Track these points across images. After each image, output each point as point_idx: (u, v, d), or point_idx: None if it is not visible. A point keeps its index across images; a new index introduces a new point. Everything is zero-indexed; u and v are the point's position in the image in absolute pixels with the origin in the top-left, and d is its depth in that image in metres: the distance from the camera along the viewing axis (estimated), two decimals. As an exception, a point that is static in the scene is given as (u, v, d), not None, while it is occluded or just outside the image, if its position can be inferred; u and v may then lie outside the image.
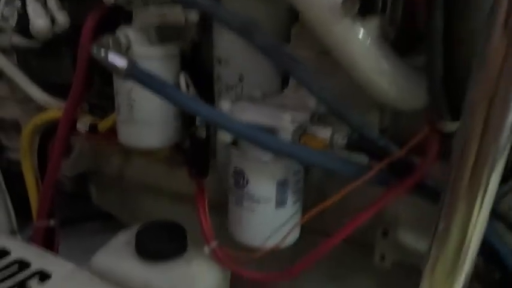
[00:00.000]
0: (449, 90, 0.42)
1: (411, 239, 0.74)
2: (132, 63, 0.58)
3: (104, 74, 0.79)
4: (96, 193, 1.12)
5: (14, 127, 1.05)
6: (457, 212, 0.37)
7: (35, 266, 0.61)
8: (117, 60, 0.58)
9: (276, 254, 0.62)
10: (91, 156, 1.06)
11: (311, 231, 0.68)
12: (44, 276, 0.60)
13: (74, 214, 1.19)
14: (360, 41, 0.54)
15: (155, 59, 0.68)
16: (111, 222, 1.15)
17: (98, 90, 0.90)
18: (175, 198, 0.98)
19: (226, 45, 0.67)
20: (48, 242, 0.95)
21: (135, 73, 0.58)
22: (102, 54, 0.60)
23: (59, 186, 0.95)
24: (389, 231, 0.74)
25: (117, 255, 0.63)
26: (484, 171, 0.34)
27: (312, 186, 0.73)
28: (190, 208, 0.85)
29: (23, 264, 0.62)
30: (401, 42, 0.61)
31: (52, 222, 0.93)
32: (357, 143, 0.56)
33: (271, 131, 0.56)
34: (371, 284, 0.83)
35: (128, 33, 0.67)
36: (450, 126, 0.43)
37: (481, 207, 0.36)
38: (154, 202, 1.03)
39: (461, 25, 0.39)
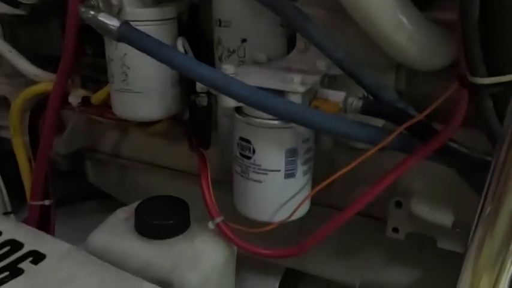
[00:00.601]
0: (485, 43, 0.37)
1: (425, 210, 0.70)
2: (124, 24, 0.53)
3: (95, 43, 0.74)
4: (92, 171, 1.08)
5: (3, 104, 1.00)
6: (508, 194, 0.33)
7: (29, 246, 0.57)
8: (108, 21, 0.54)
9: (283, 227, 0.58)
10: (86, 133, 1.02)
11: (319, 203, 0.65)
12: (38, 256, 0.56)
13: (70, 193, 1.15)
14: (376, -8, 0.49)
15: (150, 23, 0.63)
16: (108, 201, 1.11)
17: (90, 61, 0.86)
18: (176, 175, 0.94)
19: (227, 4, 0.62)
20: (44, 222, 0.92)
21: (128, 34, 0.53)
22: (91, 14, 0.55)
23: (52, 165, 0.91)
24: (402, 203, 0.70)
25: (115, 233, 0.59)
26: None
27: (322, 157, 0.69)
28: (191, 185, 0.81)
29: (15, 245, 0.57)
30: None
31: (47, 202, 0.89)
32: (373, 105, 0.52)
33: (280, 94, 0.51)
34: (383, 257, 0.79)
35: (120, -6, 0.62)
36: (484, 80, 0.39)
37: None
38: (154, 179, 0.99)
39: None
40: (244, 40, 0.63)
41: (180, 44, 0.64)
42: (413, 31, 0.51)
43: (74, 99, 0.81)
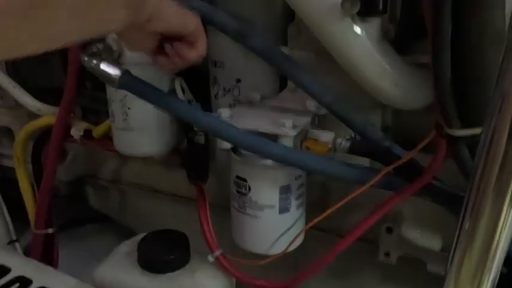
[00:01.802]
0: (458, 94, 0.41)
1: (415, 235, 0.73)
2: (125, 73, 0.56)
3: (95, 77, 0.77)
4: (93, 196, 1.11)
5: (5, 134, 1.03)
6: (484, 212, 0.36)
7: (37, 283, 0.60)
8: (110, 70, 0.57)
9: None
10: (86, 160, 1.05)
11: (313, 227, 0.68)
12: (46, 293, 0.59)
13: (72, 218, 1.18)
14: (360, 42, 0.53)
15: (149, 65, 0.65)
16: (110, 225, 1.14)
17: (91, 93, 0.89)
18: (175, 200, 0.97)
19: (222, 47, 0.65)
20: (48, 250, 0.95)
21: (129, 83, 0.56)
22: (94, 63, 0.58)
23: (55, 191, 0.94)
24: (393, 228, 0.73)
25: (119, 267, 0.62)
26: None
27: (316, 182, 0.72)
28: (189, 209, 0.84)
29: (24, 282, 0.60)
30: (401, 39, 0.59)
31: (50, 230, 0.92)
32: (361, 146, 0.55)
33: (273, 138, 0.54)
34: (376, 279, 0.82)
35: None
36: (459, 132, 0.42)
37: (510, 207, 0.34)
38: (153, 204, 1.02)
39: (471, 31, 0.38)
40: (238, 80, 0.66)
41: (178, 84, 0.67)
42: (397, 77, 0.54)
43: (76, 132, 0.84)
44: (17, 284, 0.60)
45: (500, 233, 0.37)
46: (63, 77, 0.78)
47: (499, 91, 0.31)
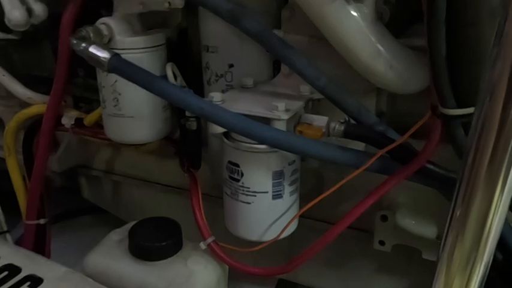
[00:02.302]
0: (453, 74, 0.40)
1: (410, 223, 0.73)
2: (115, 56, 0.55)
3: (87, 65, 0.76)
4: (86, 187, 1.10)
5: (-3, 124, 1.01)
6: (476, 198, 0.35)
7: (26, 271, 0.59)
8: (99, 53, 0.56)
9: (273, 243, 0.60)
10: (79, 151, 1.03)
11: (307, 216, 0.67)
12: (36, 281, 0.58)
13: (65, 209, 1.17)
14: (354, 23, 0.52)
15: (140, 50, 0.65)
16: (103, 216, 1.13)
17: (82, 82, 0.87)
18: (168, 190, 0.96)
19: (214, 31, 0.64)
20: (40, 241, 0.94)
21: (118, 66, 0.55)
22: (83, 46, 0.57)
23: (47, 182, 0.93)
24: (388, 216, 0.72)
25: (110, 255, 0.61)
26: (505, 156, 0.32)
27: (310, 172, 0.71)
28: (183, 199, 0.83)
29: (13, 270, 0.59)
30: (396, 21, 0.58)
31: (42, 221, 0.91)
32: (355, 129, 0.54)
33: (265, 121, 0.54)
34: (371, 267, 0.82)
35: (110, 23, 0.64)
36: (454, 111, 0.41)
37: (501, 193, 0.34)
38: (146, 194, 1.01)
39: (467, 7, 0.37)
40: (231, 65, 0.65)
41: (170, 70, 0.65)
42: (391, 59, 0.53)
43: (67, 121, 0.83)
44: (6, 272, 0.59)
45: (492, 219, 0.36)
46: (55, 64, 0.77)
47: (490, 76, 0.30)
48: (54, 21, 0.75)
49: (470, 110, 0.41)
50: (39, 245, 0.93)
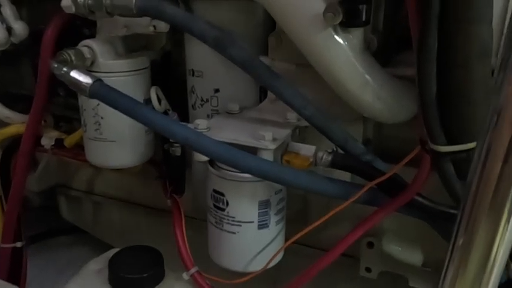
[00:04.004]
0: (443, 112, 0.40)
1: (396, 250, 0.72)
2: (97, 81, 0.54)
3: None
4: (65, 207, 1.07)
5: (-27, 142, 0.98)
6: (480, 227, 0.34)
7: (-1, 303, 0.57)
8: (81, 78, 0.54)
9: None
10: (59, 170, 1.01)
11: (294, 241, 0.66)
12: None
13: (43, 229, 1.13)
14: (342, 53, 0.51)
15: (123, 74, 0.63)
16: (82, 237, 1.10)
17: (63, 101, 0.85)
18: (149, 212, 0.94)
19: (200, 56, 0.63)
20: (16, 264, 0.90)
21: (101, 92, 0.54)
22: (64, 70, 0.55)
23: (24, 203, 0.90)
24: (374, 243, 0.72)
25: (88, 286, 0.59)
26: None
27: (296, 196, 0.70)
28: (164, 221, 0.81)
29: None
30: (383, 51, 0.58)
31: (19, 244, 0.87)
32: (343, 160, 0.53)
33: (252, 150, 0.52)
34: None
35: (92, 46, 0.62)
36: (444, 148, 0.41)
37: (508, 221, 0.33)
38: (127, 216, 0.99)
39: (458, 44, 0.36)
40: (217, 90, 0.64)
41: (154, 93, 0.64)
42: (379, 89, 0.53)
43: (47, 141, 0.80)
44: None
45: (498, 248, 0.35)
46: (34, 83, 0.75)
47: (494, 106, 0.30)
48: (35, 39, 0.74)
49: (461, 147, 0.40)
50: (15, 269, 0.90)
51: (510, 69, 0.29)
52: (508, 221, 0.33)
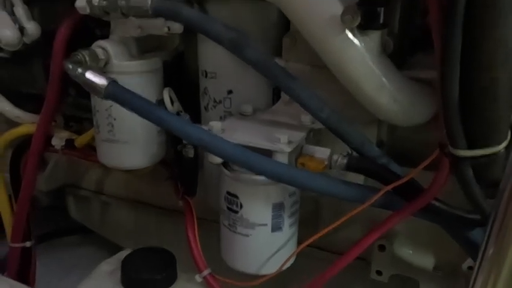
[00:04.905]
0: (464, 115, 0.39)
1: (408, 253, 0.72)
2: (112, 82, 0.53)
3: (78, 84, 0.74)
4: (74, 207, 1.07)
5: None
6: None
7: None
8: (96, 79, 0.54)
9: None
10: (68, 170, 1.01)
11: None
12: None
13: (51, 229, 1.13)
14: (359, 56, 0.51)
15: (136, 74, 0.63)
16: (91, 237, 1.10)
17: (73, 101, 0.85)
18: (159, 213, 0.94)
19: (213, 57, 0.63)
20: (25, 263, 0.90)
21: (116, 93, 0.53)
22: (79, 72, 0.55)
23: (34, 202, 0.90)
24: (386, 246, 0.71)
25: (101, 287, 0.59)
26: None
27: (308, 197, 0.70)
28: (175, 222, 0.81)
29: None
30: (399, 53, 0.58)
31: (28, 244, 0.87)
32: (358, 163, 0.53)
33: (267, 153, 0.52)
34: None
35: (106, 47, 0.62)
36: (464, 152, 0.40)
37: None
38: (136, 216, 0.99)
39: (482, 49, 0.36)
40: (230, 91, 0.64)
41: (167, 95, 0.64)
42: (395, 92, 0.52)
43: (58, 142, 0.80)
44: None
45: None
46: (45, 83, 0.75)
47: None
48: (46, 39, 0.74)
49: (482, 151, 0.40)
50: (24, 269, 0.90)
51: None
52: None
